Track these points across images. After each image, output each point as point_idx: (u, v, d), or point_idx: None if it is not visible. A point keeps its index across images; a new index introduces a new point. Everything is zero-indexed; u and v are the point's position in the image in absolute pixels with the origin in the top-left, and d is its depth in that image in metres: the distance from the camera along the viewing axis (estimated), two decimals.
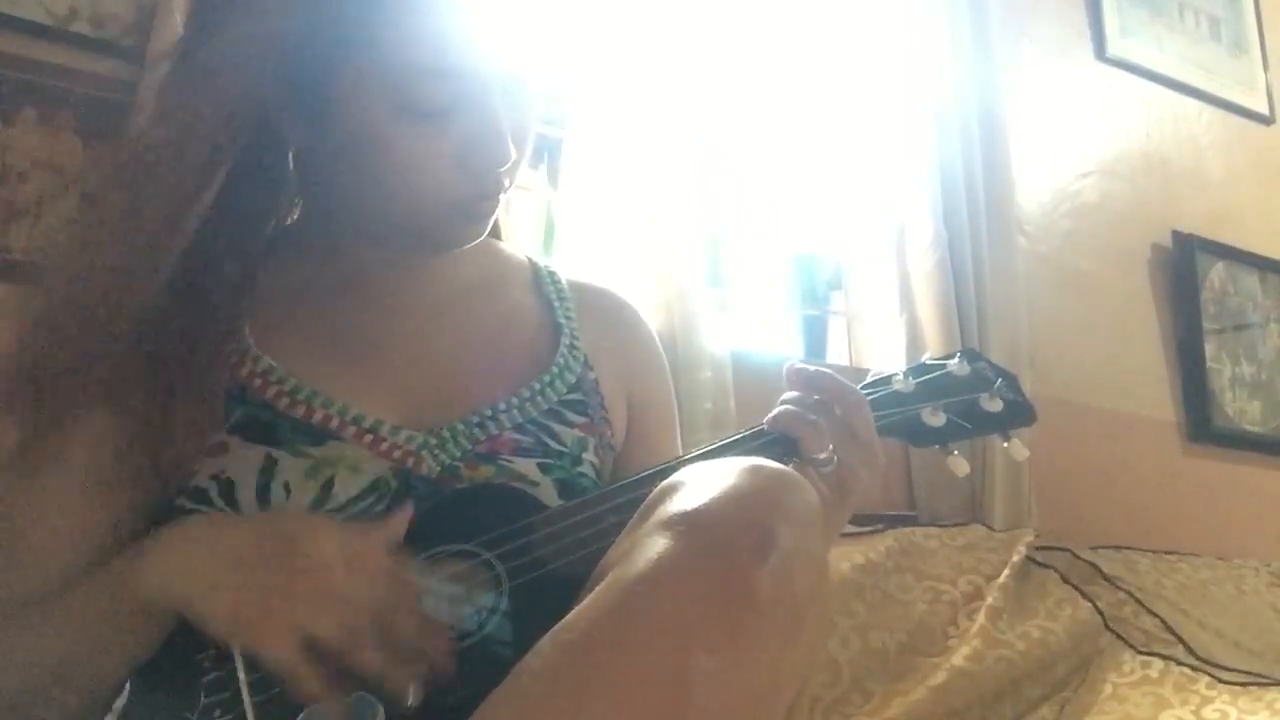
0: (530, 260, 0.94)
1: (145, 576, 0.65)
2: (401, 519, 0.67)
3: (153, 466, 0.73)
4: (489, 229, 0.81)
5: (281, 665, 0.60)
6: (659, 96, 1.69)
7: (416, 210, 0.75)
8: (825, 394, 0.74)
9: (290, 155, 0.80)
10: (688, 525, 0.55)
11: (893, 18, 1.99)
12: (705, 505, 0.56)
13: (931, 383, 0.81)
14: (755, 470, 0.58)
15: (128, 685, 0.71)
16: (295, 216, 0.84)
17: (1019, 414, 0.82)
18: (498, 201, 0.78)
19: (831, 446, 0.72)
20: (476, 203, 0.76)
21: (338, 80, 0.71)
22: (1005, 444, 0.83)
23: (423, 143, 0.72)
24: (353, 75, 0.70)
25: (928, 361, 0.84)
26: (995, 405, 0.81)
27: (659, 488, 0.61)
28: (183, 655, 0.66)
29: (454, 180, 0.74)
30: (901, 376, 0.81)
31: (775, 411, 0.74)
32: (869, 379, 0.82)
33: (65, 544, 0.72)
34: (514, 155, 0.75)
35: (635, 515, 0.61)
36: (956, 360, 0.83)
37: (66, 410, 0.69)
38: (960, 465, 0.81)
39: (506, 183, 0.77)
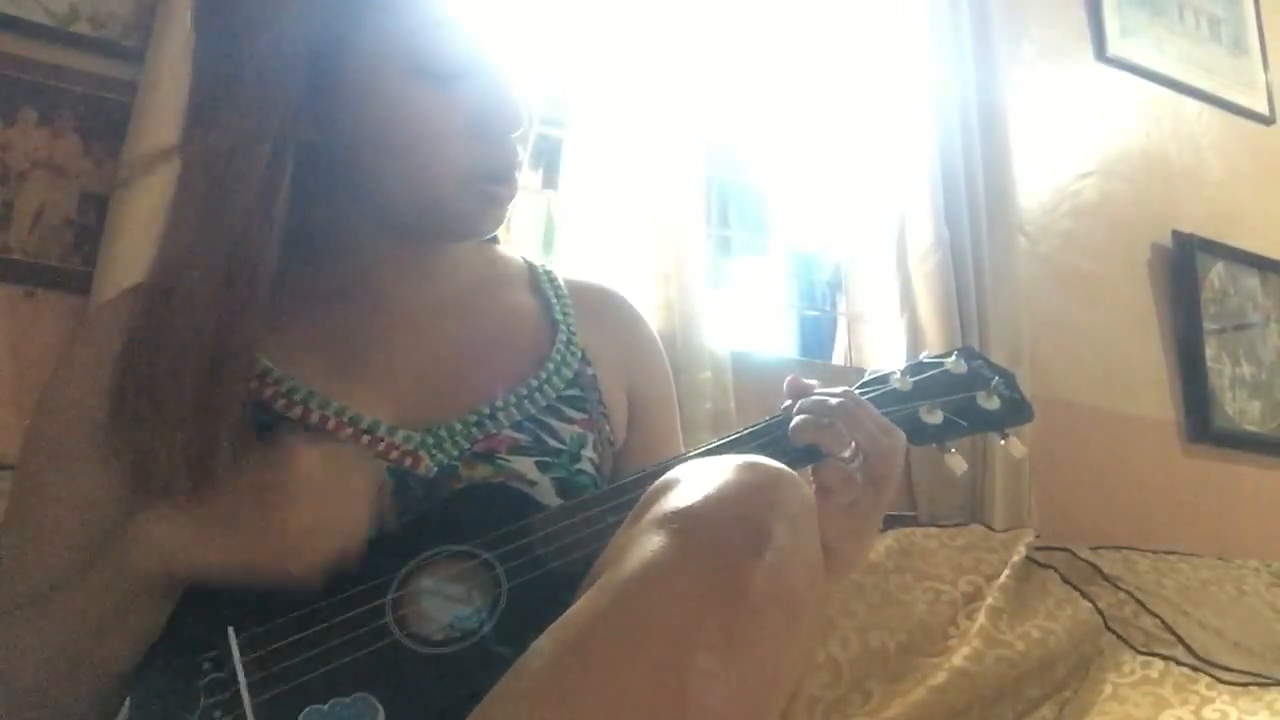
0: (526, 261, 0.93)
1: (140, 542, 0.65)
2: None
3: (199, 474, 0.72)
4: (503, 219, 0.80)
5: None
6: (659, 96, 1.69)
7: (434, 187, 0.75)
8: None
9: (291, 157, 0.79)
10: (682, 522, 0.55)
11: (894, 18, 2.00)
12: (700, 502, 0.56)
13: (929, 381, 0.80)
14: (750, 467, 0.58)
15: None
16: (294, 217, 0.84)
17: (1016, 412, 0.81)
18: (515, 184, 0.78)
19: (854, 443, 0.69)
20: (492, 180, 0.76)
21: (348, 57, 0.71)
22: (1002, 441, 0.82)
23: (436, 107, 0.72)
24: (363, 47, 0.71)
25: (925, 360, 0.83)
26: (992, 403, 0.80)
27: (654, 485, 0.61)
28: (182, 656, 0.66)
29: (470, 148, 0.74)
30: (899, 375, 0.80)
31: (793, 424, 0.71)
32: (866, 377, 0.81)
33: (81, 543, 0.72)
34: (526, 120, 0.75)
35: (630, 513, 0.61)
36: (954, 358, 0.82)
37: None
38: (958, 463, 0.81)
39: (521, 154, 0.77)
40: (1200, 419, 2.29)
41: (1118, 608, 1.66)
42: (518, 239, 1.85)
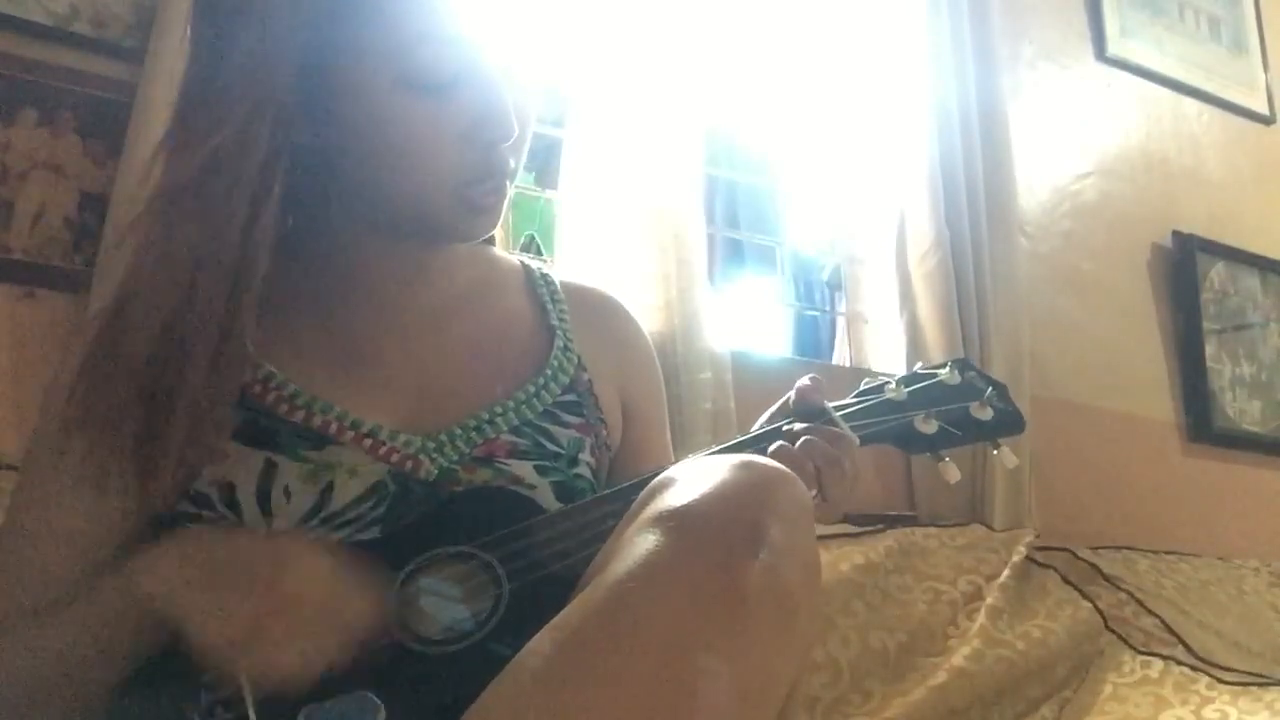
0: (523, 264, 0.94)
1: (141, 587, 0.65)
2: None
3: (150, 475, 0.72)
4: (494, 225, 0.80)
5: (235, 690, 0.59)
6: (658, 95, 1.69)
7: (423, 194, 0.75)
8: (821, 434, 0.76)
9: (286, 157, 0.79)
10: (678, 521, 0.55)
11: (894, 20, 1.99)
12: (695, 501, 0.56)
13: (923, 391, 0.83)
14: (746, 466, 0.59)
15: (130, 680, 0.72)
16: (289, 223, 0.84)
17: (1008, 423, 0.84)
18: (504, 191, 0.78)
19: (817, 488, 0.73)
20: (482, 186, 0.75)
21: (341, 66, 0.71)
22: (995, 451, 0.85)
23: (427, 117, 0.72)
24: (355, 56, 0.70)
25: (920, 370, 0.86)
26: (985, 414, 0.83)
27: (650, 485, 0.62)
28: (185, 651, 0.66)
29: (460, 157, 0.73)
30: (894, 385, 0.83)
31: (773, 448, 0.74)
32: (862, 386, 0.84)
33: (67, 554, 0.72)
34: (518, 130, 0.75)
35: (628, 512, 0.62)
36: (948, 369, 0.85)
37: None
38: (951, 472, 0.83)
39: (512, 163, 0.77)
40: (1200, 419, 2.29)
41: (1118, 608, 1.66)
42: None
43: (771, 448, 0.74)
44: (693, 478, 0.58)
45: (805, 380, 0.80)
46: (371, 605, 0.63)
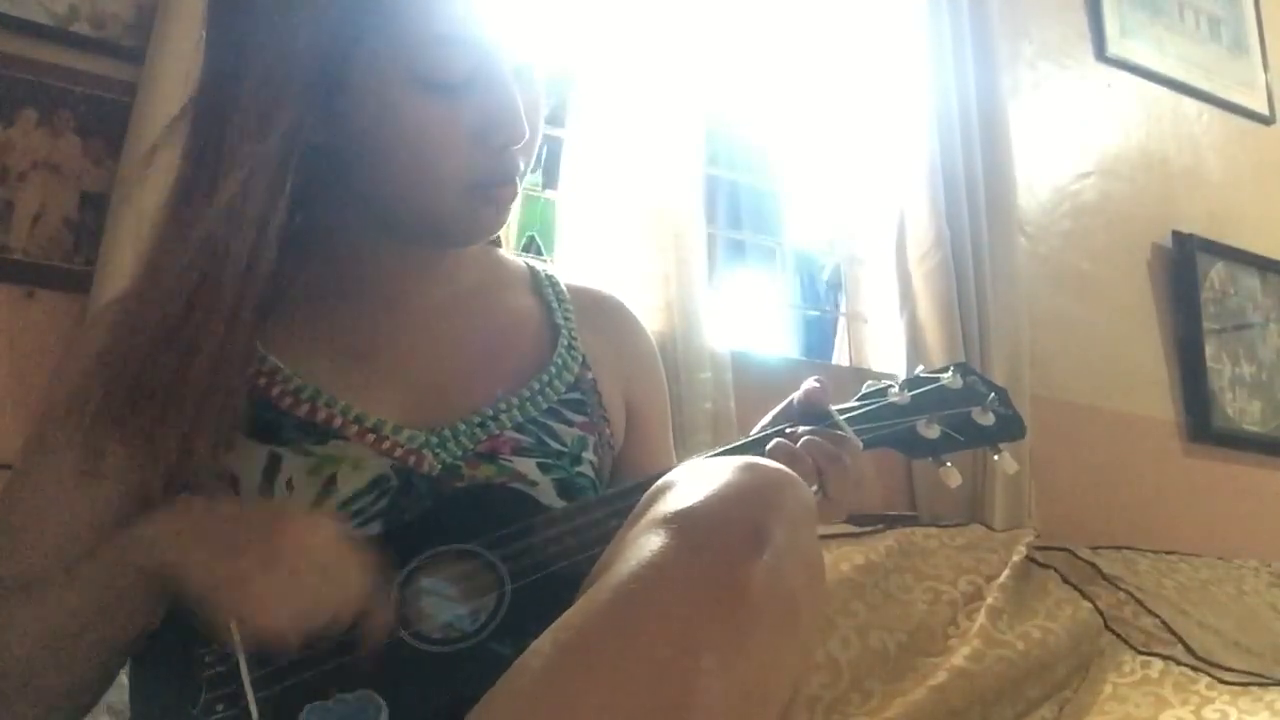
0: (529, 265, 0.94)
1: (141, 542, 0.66)
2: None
3: (152, 467, 0.73)
4: (501, 227, 0.81)
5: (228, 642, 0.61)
6: (659, 96, 1.69)
7: (434, 194, 0.75)
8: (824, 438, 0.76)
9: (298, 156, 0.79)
10: (681, 523, 0.55)
11: (894, 19, 2.00)
12: (699, 503, 0.56)
13: (926, 395, 0.84)
14: (749, 468, 0.59)
15: (128, 678, 0.72)
16: (298, 219, 0.84)
17: (1009, 428, 0.84)
18: (514, 191, 0.78)
19: (818, 484, 0.74)
20: (492, 188, 0.76)
21: (354, 64, 0.71)
22: (995, 456, 0.85)
23: (439, 118, 0.72)
24: (369, 55, 0.71)
25: (922, 374, 0.86)
26: (987, 419, 0.83)
27: (653, 486, 0.62)
28: (184, 649, 0.66)
29: (471, 159, 0.74)
30: (897, 389, 0.83)
31: (771, 444, 0.75)
32: (865, 390, 0.84)
33: (62, 537, 0.72)
34: (529, 132, 0.75)
35: (631, 514, 0.62)
36: (950, 374, 0.85)
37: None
38: (953, 476, 0.83)
39: (522, 164, 0.77)
40: (1200, 419, 2.29)
41: (1118, 608, 1.66)
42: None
43: (771, 444, 0.74)
44: (696, 479, 0.59)
45: (813, 382, 0.80)
46: (368, 574, 0.64)
